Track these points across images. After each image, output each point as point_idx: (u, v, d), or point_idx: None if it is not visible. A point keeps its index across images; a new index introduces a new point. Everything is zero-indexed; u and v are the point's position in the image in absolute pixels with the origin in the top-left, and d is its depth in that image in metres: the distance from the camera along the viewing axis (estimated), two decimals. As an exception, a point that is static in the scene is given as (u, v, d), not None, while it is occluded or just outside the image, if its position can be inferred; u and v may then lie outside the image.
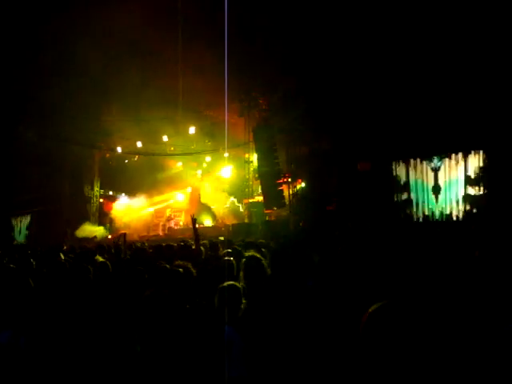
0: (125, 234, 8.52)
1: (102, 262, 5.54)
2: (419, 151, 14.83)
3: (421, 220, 14.98)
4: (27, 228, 22.21)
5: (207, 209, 23.02)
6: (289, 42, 13.85)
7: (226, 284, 3.21)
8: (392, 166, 15.40)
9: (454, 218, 14.31)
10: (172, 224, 21.95)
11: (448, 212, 14.49)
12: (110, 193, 24.46)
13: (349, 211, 14.57)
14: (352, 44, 13.22)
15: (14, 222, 22.34)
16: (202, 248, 6.55)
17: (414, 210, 15.12)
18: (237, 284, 3.27)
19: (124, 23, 11.96)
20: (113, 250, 7.83)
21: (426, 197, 14.91)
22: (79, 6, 11.30)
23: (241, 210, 21.09)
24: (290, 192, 17.40)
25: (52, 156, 19.99)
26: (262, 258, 3.73)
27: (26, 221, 22.25)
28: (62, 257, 6.64)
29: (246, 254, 3.98)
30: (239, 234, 13.94)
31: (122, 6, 11.54)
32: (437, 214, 14.67)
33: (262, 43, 14.17)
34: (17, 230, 22.48)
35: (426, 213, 14.89)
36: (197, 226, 7.14)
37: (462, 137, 13.37)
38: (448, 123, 13.04)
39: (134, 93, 15.61)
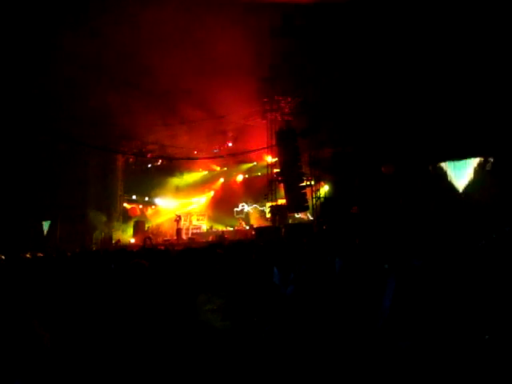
0: (150, 238, 8.71)
1: None
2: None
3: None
4: (53, 232, 22.55)
5: (230, 213, 23.07)
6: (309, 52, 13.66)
7: None
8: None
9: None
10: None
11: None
12: (134, 197, 24.70)
13: (372, 214, 14.31)
14: (368, 49, 12.98)
15: (44, 225, 22.70)
16: None
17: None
18: None
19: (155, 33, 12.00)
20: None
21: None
22: (113, 10, 11.30)
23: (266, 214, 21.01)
24: (313, 195, 17.25)
25: (76, 160, 20.34)
26: None
27: (52, 225, 22.60)
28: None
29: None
30: (262, 237, 13.87)
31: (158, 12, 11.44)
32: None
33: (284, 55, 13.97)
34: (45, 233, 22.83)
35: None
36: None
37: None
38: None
39: (159, 97, 15.72)
